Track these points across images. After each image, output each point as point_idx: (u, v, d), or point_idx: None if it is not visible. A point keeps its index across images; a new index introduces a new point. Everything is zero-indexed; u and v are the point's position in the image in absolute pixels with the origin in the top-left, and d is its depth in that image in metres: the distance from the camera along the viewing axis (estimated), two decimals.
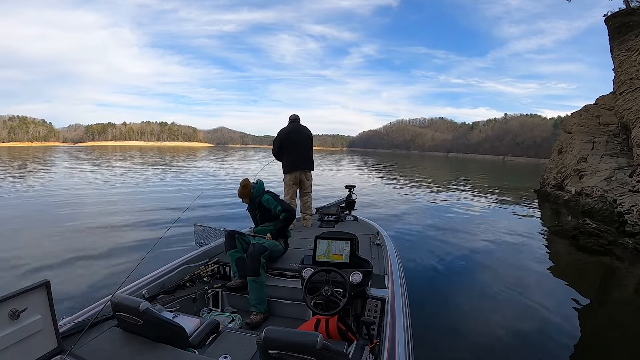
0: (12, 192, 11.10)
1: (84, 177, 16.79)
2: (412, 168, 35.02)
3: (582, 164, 11.49)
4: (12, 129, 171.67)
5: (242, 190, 3.12)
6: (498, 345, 3.05)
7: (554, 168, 13.39)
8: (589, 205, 9.25)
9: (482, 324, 3.45)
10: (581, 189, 10.45)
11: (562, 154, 13.35)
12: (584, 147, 12.04)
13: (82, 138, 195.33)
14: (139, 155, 41.52)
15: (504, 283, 4.47)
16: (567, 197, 11.03)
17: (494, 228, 7.78)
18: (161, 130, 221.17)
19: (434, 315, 3.53)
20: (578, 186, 10.80)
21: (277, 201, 3.08)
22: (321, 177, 18.17)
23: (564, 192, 11.57)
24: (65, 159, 33.01)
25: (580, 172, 11.28)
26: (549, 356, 2.93)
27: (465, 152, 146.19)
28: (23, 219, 7.30)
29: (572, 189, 11.07)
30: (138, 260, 1.92)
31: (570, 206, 10.45)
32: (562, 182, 12.18)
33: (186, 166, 26.33)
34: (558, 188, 12.23)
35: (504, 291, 4.22)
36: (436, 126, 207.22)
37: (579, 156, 11.85)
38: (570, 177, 11.78)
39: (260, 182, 3.20)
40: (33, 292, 1.40)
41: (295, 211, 3.97)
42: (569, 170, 12.11)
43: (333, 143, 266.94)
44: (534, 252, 6.05)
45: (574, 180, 11.40)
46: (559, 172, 12.82)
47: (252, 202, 3.16)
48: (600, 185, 9.66)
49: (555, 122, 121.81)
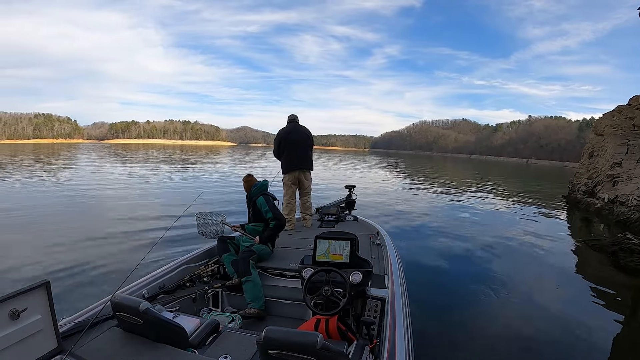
0: (24, 188, 11.40)
1: (100, 174, 17.27)
2: (434, 169, 34.38)
3: (615, 169, 10.79)
4: (37, 126, 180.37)
5: (244, 184, 3.34)
6: (499, 347, 3.02)
7: (585, 173, 12.65)
8: (624, 215, 8.65)
9: (484, 325, 3.41)
10: (615, 196, 9.79)
11: (594, 157, 12.60)
12: (618, 151, 11.29)
13: (106, 136, 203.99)
14: (157, 155, 42.53)
15: (517, 291, 4.30)
16: (600, 205, 10.36)
17: (512, 234, 7.41)
18: (184, 128, 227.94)
19: (434, 315, 3.51)
20: (612, 193, 10.13)
21: (269, 206, 3.12)
22: (350, 177, 18.11)
23: (595, 200, 10.88)
24: (83, 156, 34.19)
25: (613, 178, 10.58)
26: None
27: (488, 155, 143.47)
28: (29, 214, 7.44)
29: (604, 196, 10.39)
30: (138, 260, 1.92)
31: (603, 215, 9.78)
32: (593, 189, 11.47)
33: (203, 166, 26.74)
34: (589, 195, 11.53)
35: (516, 299, 4.06)
36: (459, 128, 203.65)
37: (612, 160, 11.14)
38: (602, 183, 11.09)
39: (264, 184, 3.28)
40: (33, 292, 1.40)
41: (286, 220, 4.08)
42: (601, 175, 11.40)
43: (355, 144, 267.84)
44: (559, 263, 5.59)
45: (607, 187, 10.71)
46: (590, 178, 12.10)
47: (249, 197, 3.29)
48: (636, 192, 9.00)
49: (580, 125, 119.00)
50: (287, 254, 3.14)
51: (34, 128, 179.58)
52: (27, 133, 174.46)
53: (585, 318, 3.65)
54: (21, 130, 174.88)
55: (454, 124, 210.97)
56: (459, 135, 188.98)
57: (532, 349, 3.01)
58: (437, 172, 30.71)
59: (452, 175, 28.34)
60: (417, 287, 4.03)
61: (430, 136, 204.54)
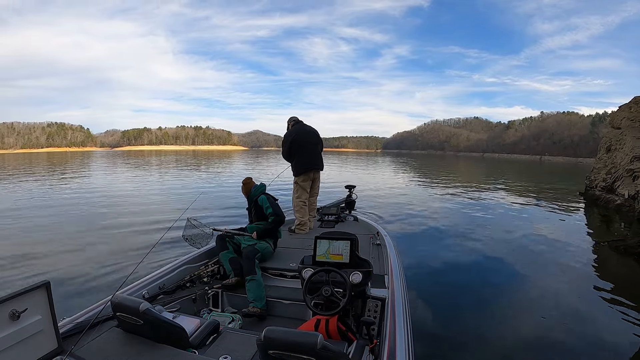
0: (33, 193, 11.66)
1: (107, 179, 17.62)
2: (446, 169, 33.85)
3: (636, 163, 10.36)
4: (50, 135, 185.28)
5: (243, 187, 3.42)
6: (500, 347, 2.96)
7: (603, 168, 12.21)
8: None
9: (484, 325, 3.33)
10: (636, 192, 9.42)
11: (611, 152, 12.15)
12: (637, 144, 10.86)
13: (118, 143, 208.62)
14: (169, 160, 43.00)
15: (525, 293, 4.12)
16: (620, 202, 9.97)
17: (525, 233, 7.11)
18: (196, 134, 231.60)
19: (434, 315, 3.48)
20: (632, 189, 9.74)
21: (270, 203, 3.22)
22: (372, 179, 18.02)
23: (615, 196, 10.48)
24: (91, 163, 34.64)
25: (634, 173, 10.17)
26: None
27: (501, 152, 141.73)
28: (31, 216, 7.58)
29: (624, 192, 10.00)
30: (138, 260, 1.92)
31: (623, 212, 9.39)
32: (612, 184, 11.06)
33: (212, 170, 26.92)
34: (608, 191, 11.11)
35: (523, 302, 3.90)
36: (471, 126, 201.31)
37: (632, 154, 10.70)
38: (622, 179, 10.67)
39: (263, 185, 3.45)
40: (33, 293, 1.41)
41: (301, 223, 4.15)
42: (620, 170, 10.98)
43: (367, 145, 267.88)
44: (579, 265, 5.15)
45: (626, 182, 10.30)
46: (608, 173, 11.67)
47: (250, 200, 3.37)
48: None
49: (593, 120, 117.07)
50: (287, 254, 3.15)
51: (47, 137, 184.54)
52: (40, 142, 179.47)
53: (613, 331, 3.27)
54: (35, 139, 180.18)
55: (465, 123, 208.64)
56: (471, 134, 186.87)
57: (537, 350, 2.93)
58: (450, 172, 30.20)
59: (465, 174, 27.84)
60: (417, 287, 4.02)
61: (442, 135, 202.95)
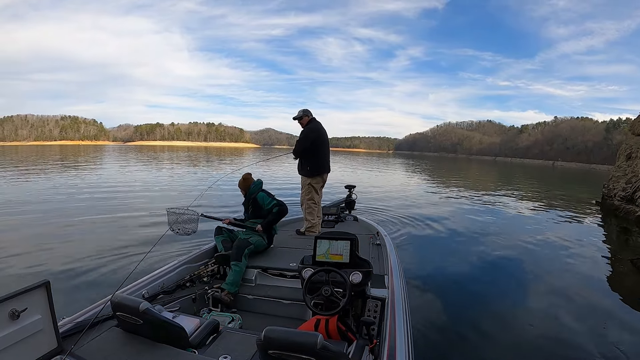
0: (37, 186, 11.66)
1: (112, 174, 17.51)
2: (457, 172, 33.50)
3: None
4: (63, 128, 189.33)
5: (242, 182, 3.39)
6: (500, 348, 2.95)
7: (622, 177, 11.78)
8: None
9: (485, 326, 3.31)
10: None
11: (632, 160, 11.70)
12: None
13: (131, 137, 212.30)
14: (182, 156, 43.36)
15: (531, 300, 4.04)
16: None
17: (534, 240, 6.83)
18: (208, 130, 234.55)
19: (434, 315, 3.47)
20: None
21: (271, 197, 3.31)
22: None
23: (635, 207, 10.06)
24: (101, 157, 34.51)
25: None
26: None
27: (513, 157, 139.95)
28: (32, 211, 7.59)
29: None
30: (138, 260, 1.90)
31: None
32: (633, 195, 10.63)
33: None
34: (628, 201, 10.69)
35: (531, 309, 3.80)
36: (484, 129, 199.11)
37: None
38: None
39: (260, 181, 3.46)
40: (33, 292, 1.40)
41: (313, 225, 4.15)
42: None
43: (379, 145, 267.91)
44: (595, 282, 4.75)
45: None
46: (628, 182, 11.25)
47: (248, 196, 3.38)
48: None
49: (607, 126, 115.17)
50: (287, 254, 3.15)
51: (60, 130, 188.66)
52: (53, 135, 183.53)
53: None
54: (48, 132, 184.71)
55: (478, 126, 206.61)
56: (483, 137, 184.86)
57: (537, 350, 2.89)
58: (460, 174, 29.86)
59: (475, 177, 27.44)
60: (417, 287, 4.02)
61: (455, 138, 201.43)
